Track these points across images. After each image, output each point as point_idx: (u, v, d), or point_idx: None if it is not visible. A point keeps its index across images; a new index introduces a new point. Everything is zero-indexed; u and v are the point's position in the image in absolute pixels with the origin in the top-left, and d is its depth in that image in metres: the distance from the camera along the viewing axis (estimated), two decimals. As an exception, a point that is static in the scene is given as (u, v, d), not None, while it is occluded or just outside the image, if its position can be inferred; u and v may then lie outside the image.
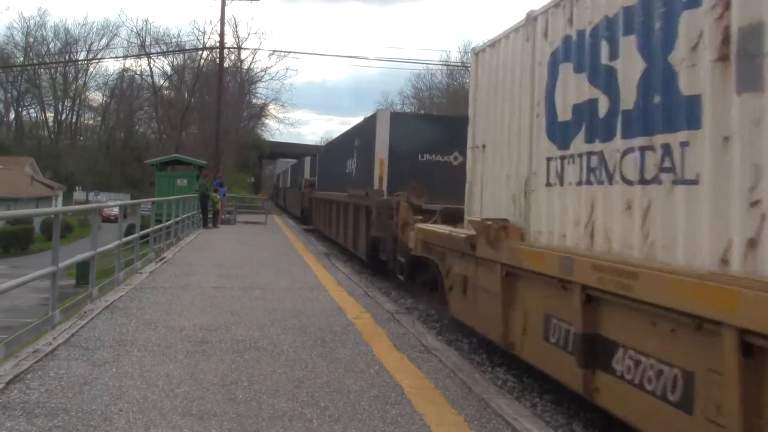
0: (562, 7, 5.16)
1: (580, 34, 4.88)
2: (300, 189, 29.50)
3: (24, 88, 75.84)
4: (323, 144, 40.93)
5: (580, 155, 4.82)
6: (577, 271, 4.42)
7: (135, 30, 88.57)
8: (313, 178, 25.32)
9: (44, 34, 75.89)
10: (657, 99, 3.95)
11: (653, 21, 3.99)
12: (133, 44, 67.46)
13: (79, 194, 65.13)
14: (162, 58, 66.60)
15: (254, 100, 69.59)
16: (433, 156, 11.52)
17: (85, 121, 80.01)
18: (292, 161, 42.21)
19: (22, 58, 73.73)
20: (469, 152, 7.34)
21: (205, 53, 56.71)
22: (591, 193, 4.64)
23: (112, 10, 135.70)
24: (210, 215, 20.92)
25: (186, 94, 62.59)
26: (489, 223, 5.83)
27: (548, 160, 5.32)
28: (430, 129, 12.29)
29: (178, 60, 63.96)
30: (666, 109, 3.86)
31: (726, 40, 3.38)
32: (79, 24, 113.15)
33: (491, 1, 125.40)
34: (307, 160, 28.51)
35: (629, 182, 4.21)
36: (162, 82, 67.11)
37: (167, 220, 14.10)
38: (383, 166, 11.77)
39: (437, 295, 8.51)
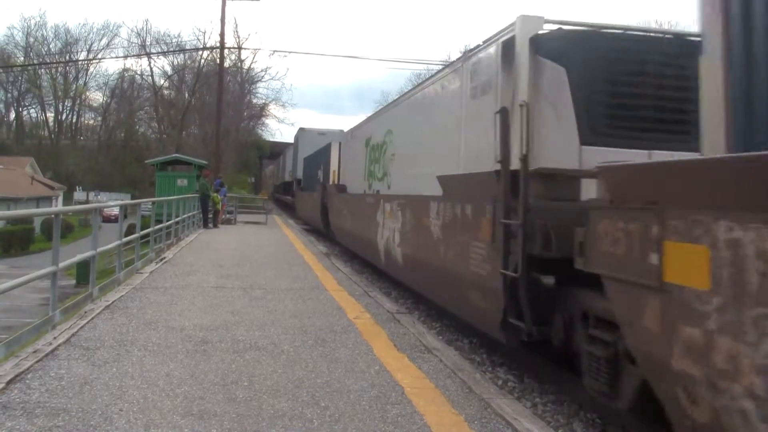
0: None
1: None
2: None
3: (24, 88, 76.00)
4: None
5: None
6: None
7: (135, 30, 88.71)
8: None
9: (45, 34, 76.16)
10: None
11: None
12: (133, 44, 67.70)
13: (79, 194, 65.21)
14: (162, 58, 66.88)
15: (255, 100, 69.77)
16: None
17: (86, 121, 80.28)
18: (329, 131, 27.82)
19: (22, 58, 73.84)
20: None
21: (205, 53, 56.80)
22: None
23: (112, 11, 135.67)
24: (210, 215, 20.94)
25: (186, 94, 62.67)
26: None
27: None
28: None
29: (179, 60, 64.13)
30: None
31: None
32: (80, 24, 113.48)
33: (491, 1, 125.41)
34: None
35: None
36: (162, 82, 67.26)
37: (168, 220, 14.10)
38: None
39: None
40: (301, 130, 32.16)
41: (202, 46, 57.24)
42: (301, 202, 27.65)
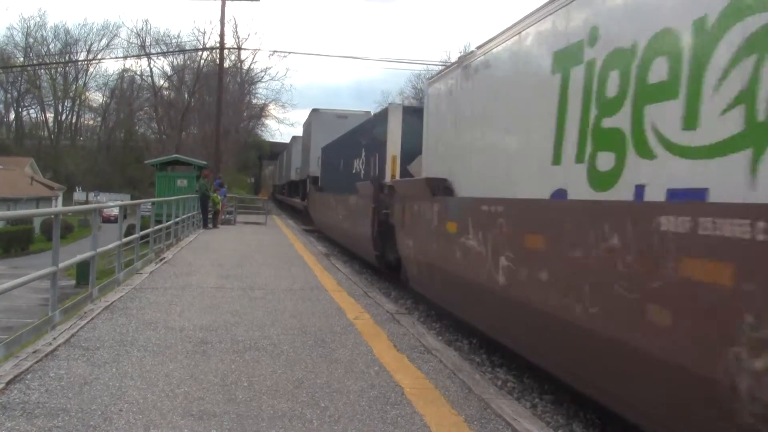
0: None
1: None
2: None
3: (24, 88, 76.03)
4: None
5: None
6: None
7: (135, 30, 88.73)
8: None
9: (44, 34, 76.18)
10: None
11: None
12: (133, 44, 67.70)
13: (79, 194, 65.22)
14: (162, 59, 66.87)
15: (254, 101, 69.77)
16: None
17: (85, 122, 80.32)
18: (351, 113, 23.78)
19: (22, 59, 73.86)
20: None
21: (205, 53, 56.77)
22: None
23: (112, 11, 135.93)
24: (210, 215, 20.94)
25: (186, 95, 62.64)
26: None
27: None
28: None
29: (178, 60, 64.10)
30: None
31: None
32: (79, 24, 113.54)
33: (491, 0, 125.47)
34: None
35: None
36: (162, 82, 67.25)
37: (167, 221, 14.10)
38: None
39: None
40: (315, 111, 25.55)
41: (201, 47, 57.24)
42: (322, 209, 20.55)
